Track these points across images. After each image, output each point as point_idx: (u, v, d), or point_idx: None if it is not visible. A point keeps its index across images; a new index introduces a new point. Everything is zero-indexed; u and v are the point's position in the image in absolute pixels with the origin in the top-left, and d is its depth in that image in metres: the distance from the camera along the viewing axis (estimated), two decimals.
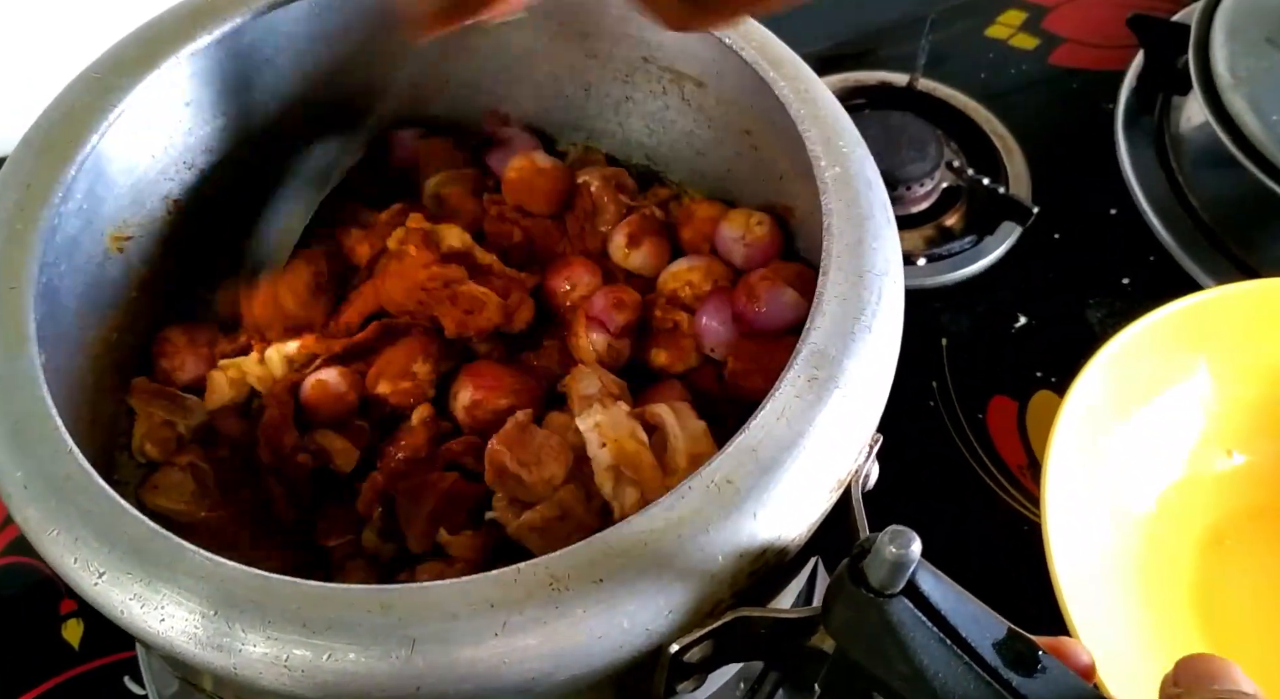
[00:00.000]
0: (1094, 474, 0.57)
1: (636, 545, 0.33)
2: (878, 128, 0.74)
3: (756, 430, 0.36)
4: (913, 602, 0.31)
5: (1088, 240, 0.74)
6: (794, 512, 0.35)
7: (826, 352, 0.38)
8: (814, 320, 0.38)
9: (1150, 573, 0.57)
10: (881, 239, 0.41)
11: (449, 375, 0.51)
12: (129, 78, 0.44)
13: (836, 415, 0.37)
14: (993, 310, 0.71)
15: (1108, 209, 0.75)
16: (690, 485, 0.35)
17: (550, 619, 0.32)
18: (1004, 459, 0.64)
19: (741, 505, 0.34)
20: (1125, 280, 0.72)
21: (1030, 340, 0.69)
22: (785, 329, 0.49)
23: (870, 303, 0.39)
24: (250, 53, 0.51)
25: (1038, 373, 0.67)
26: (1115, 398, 0.58)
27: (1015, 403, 0.66)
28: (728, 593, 0.34)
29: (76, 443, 0.35)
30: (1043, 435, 0.55)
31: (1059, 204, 0.74)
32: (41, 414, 0.35)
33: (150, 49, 0.45)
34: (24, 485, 0.34)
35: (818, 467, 0.36)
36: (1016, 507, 0.62)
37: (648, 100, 0.58)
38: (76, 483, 0.34)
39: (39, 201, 0.40)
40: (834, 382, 0.37)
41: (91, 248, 0.48)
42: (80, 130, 0.43)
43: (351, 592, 0.32)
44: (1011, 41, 0.86)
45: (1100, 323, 0.70)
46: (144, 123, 0.47)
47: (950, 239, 0.72)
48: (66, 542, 0.33)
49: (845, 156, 0.43)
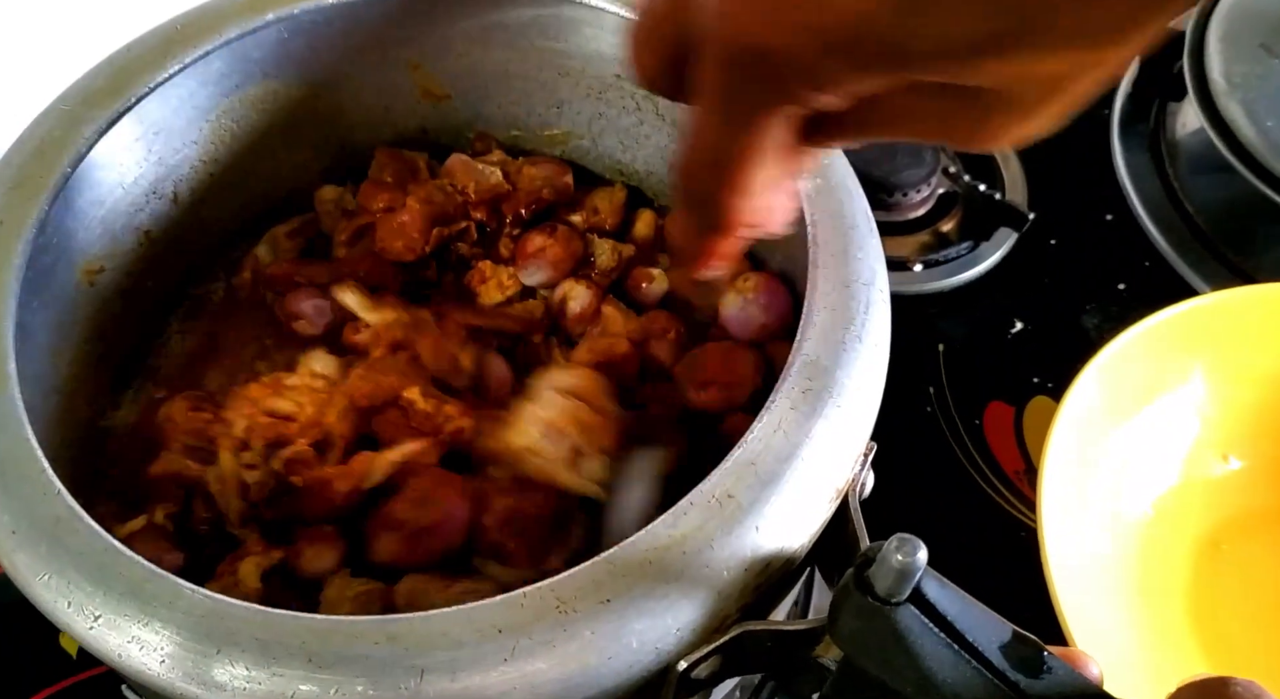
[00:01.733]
0: (1090, 479, 0.57)
1: (641, 564, 0.33)
2: None
3: (754, 443, 0.36)
4: (919, 608, 0.32)
5: (1083, 246, 0.74)
6: (795, 523, 0.36)
7: (819, 362, 0.38)
8: (804, 331, 0.39)
9: (1146, 578, 0.57)
10: (866, 248, 0.41)
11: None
12: (99, 109, 0.44)
13: (832, 426, 0.37)
14: (989, 316, 0.71)
15: (1103, 215, 0.75)
16: (691, 501, 0.35)
17: (559, 642, 0.32)
18: (1001, 465, 0.64)
19: (744, 519, 0.34)
20: (1121, 286, 0.72)
21: (1026, 346, 0.69)
22: (749, 340, 0.49)
23: (859, 312, 0.39)
24: (220, 80, 0.51)
25: (1034, 378, 0.68)
26: (1111, 403, 0.58)
27: (1012, 408, 0.66)
28: (734, 608, 0.34)
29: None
30: (1039, 441, 0.55)
31: (1055, 210, 0.74)
32: (26, 456, 0.35)
33: (119, 80, 0.45)
34: (11, 530, 0.33)
35: (816, 477, 0.36)
36: (1014, 513, 0.62)
37: (621, 116, 0.58)
38: (67, 525, 0.33)
39: (13, 238, 0.40)
40: (828, 392, 0.37)
41: (63, 282, 0.47)
42: (51, 164, 0.42)
43: (357, 623, 0.32)
44: None
45: (1096, 328, 0.70)
46: (115, 154, 0.47)
47: (946, 245, 0.72)
48: (59, 586, 0.33)
49: (825, 168, 0.43)
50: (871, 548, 0.33)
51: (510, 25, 0.54)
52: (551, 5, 0.52)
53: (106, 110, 0.44)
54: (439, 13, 0.53)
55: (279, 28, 0.49)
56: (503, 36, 0.54)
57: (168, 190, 0.53)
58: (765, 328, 0.49)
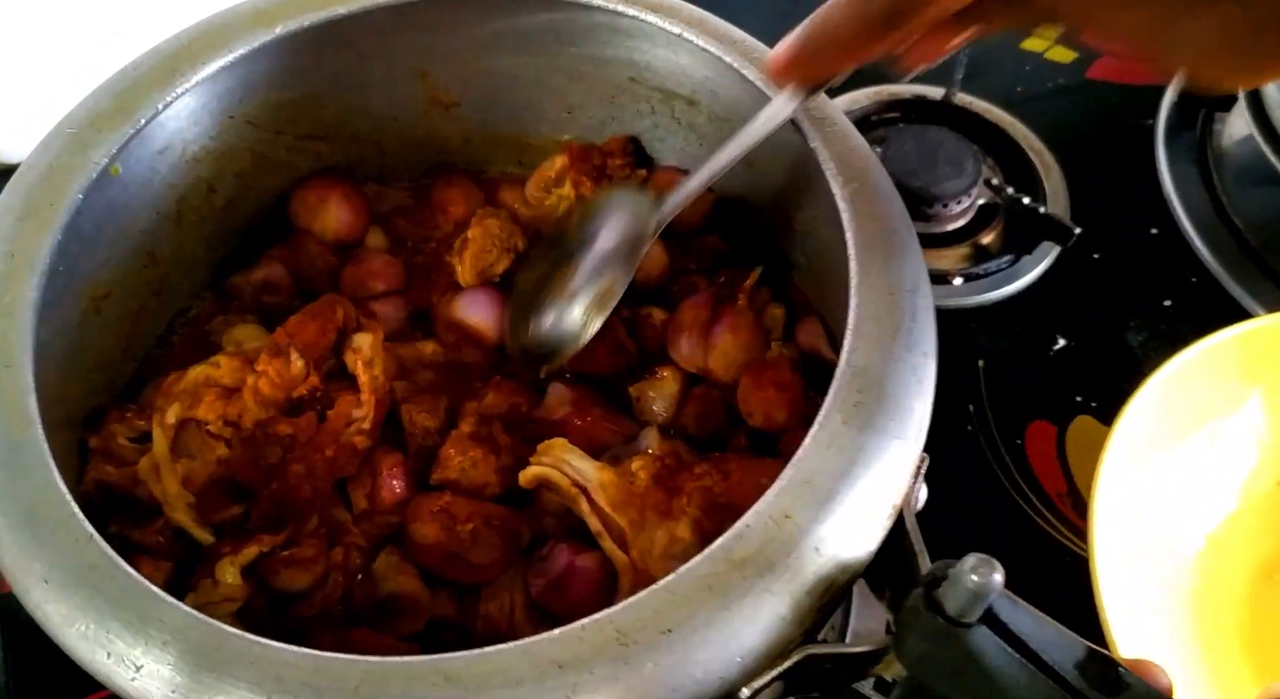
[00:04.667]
0: (1142, 507, 0.55)
1: (701, 591, 0.32)
2: (913, 143, 0.71)
3: (808, 461, 0.35)
4: (992, 628, 0.31)
5: (1128, 261, 0.70)
6: (854, 541, 0.35)
7: (868, 373, 0.37)
8: (851, 342, 0.38)
9: (1200, 607, 0.55)
10: (909, 254, 0.40)
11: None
12: (107, 133, 0.42)
13: (885, 439, 0.36)
14: (1031, 332, 0.68)
15: (1148, 228, 0.72)
16: (748, 523, 0.34)
17: (621, 676, 0.31)
18: (1043, 486, 0.61)
19: (803, 540, 0.34)
20: (1167, 302, 0.69)
21: (1069, 363, 0.67)
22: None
23: (906, 320, 0.38)
24: (226, 95, 0.49)
25: (1077, 397, 0.65)
26: (1164, 428, 0.56)
27: (1054, 428, 0.64)
28: (798, 632, 0.33)
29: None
30: (1082, 461, 0.53)
31: (1098, 223, 0.71)
32: (56, 500, 0.33)
33: (127, 100, 0.43)
34: (44, 579, 0.32)
35: (873, 493, 0.35)
36: (1057, 536, 0.60)
37: (634, 121, 0.57)
38: (102, 572, 0.32)
39: (25, 271, 0.38)
40: (879, 404, 0.36)
41: (69, 311, 0.46)
42: (61, 192, 0.40)
43: (411, 665, 0.31)
44: (1048, 54, 0.82)
45: (1141, 346, 0.67)
46: (122, 177, 0.45)
47: (987, 258, 0.69)
48: (98, 637, 0.31)
49: (862, 172, 0.42)
50: (939, 567, 0.33)
51: (521, 31, 0.53)
52: (563, 10, 0.51)
53: (115, 134, 0.42)
54: (447, 20, 0.52)
55: (287, 41, 0.47)
56: (513, 42, 0.53)
57: (171, 210, 0.51)
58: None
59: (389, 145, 0.58)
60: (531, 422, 0.51)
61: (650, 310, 0.54)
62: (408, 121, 0.57)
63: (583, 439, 0.49)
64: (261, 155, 0.54)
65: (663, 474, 0.46)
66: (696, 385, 0.52)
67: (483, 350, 0.53)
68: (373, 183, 0.59)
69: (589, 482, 0.45)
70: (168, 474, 0.46)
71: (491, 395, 0.51)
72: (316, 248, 0.55)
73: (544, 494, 0.48)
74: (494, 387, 0.51)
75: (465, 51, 0.54)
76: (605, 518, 0.45)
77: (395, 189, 0.60)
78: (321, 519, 0.47)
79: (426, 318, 0.55)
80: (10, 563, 0.33)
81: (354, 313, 0.51)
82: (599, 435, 0.50)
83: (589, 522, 0.45)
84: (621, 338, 0.53)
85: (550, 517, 0.48)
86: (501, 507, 0.47)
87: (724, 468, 0.45)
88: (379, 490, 0.48)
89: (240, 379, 0.49)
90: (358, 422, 0.48)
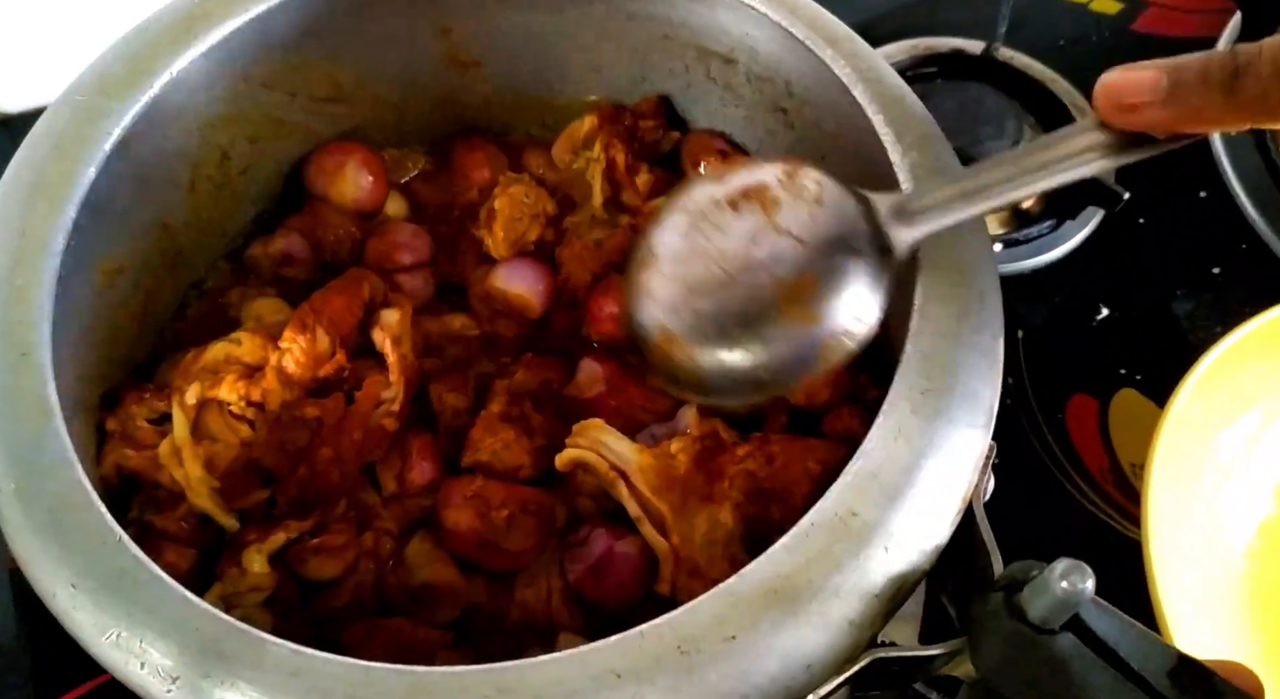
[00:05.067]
0: (1197, 490, 0.53)
1: (766, 595, 0.31)
2: (952, 101, 0.67)
3: (874, 454, 0.33)
4: (1078, 635, 0.29)
5: (1175, 225, 0.66)
6: (923, 539, 0.33)
7: (935, 358, 0.35)
8: (916, 325, 0.35)
9: (1259, 592, 0.53)
10: (974, 229, 0.38)
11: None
12: (118, 101, 0.39)
13: (955, 428, 0.34)
14: (1072, 301, 0.65)
15: (1197, 192, 0.68)
16: (813, 522, 0.32)
17: (683, 687, 0.29)
18: (1085, 463, 0.59)
19: (871, 539, 0.32)
20: (1216, 270, 0.65)
21: (1112, 334, 0.63)
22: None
23: (972, 300, 0.36)
24: (239, 57, 0.46)
25: (1120, 369, 0.62)
26: (1219, 409, 0.53)
27: (1096, 402, 0.61)
28: (866, 636, 0.31)
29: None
30: (1125, 436, 0.50)
31: (1145, 186, 0.67)
32: (82, 501, 0.31)
33: (138, 65, 0.40)
34: (71, 584, 0.30)
35: (942, 486, 0.33)
36: (1098, 513, 0.58)
37: (666, 80, 0.54)
38: (133, 577, 0.30)
39: (39, 252, 0.36)
40: (948, 391, 0.34)
41: (82, 287, 0.43)
42: (71, 166, 0.38)
43: (464, 676, 0.29)
44: (1093, 6, 0.78)
45: (1188, 316, 0.64)
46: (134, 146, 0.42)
47: (1027, 223, 0.66)
48: (130, 645, 0.29)
49: (921, 141, 0.40)
50: (1018, 570, 0.31)
51: None
52: None
53: (126, 101, 0.40)
54: None
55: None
56: None
57: (184, 179, 0.49)
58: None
59: (408, 108, 0.55)
60: (564, 399, 0.49)
61: None
62: (427, 83, 0.55)
63: (618, 418, 0.47)
64: (277, 120, 0.51)
65: (703, 456, 0.44)
66: None
67: (519, 323, 0.51)
68: (391, 147, 0.56)
69: (627, 465, 0.43)
70: (189, 458, 0.44)
71: (522, 373, 0.49)
72: (336, 217, 0.53)
73: (579, 474, 0.46)
74: (524, 364, 0.49)
75: (488, 7, 0.51)
76: (645, 502, 0.43)
77: (415, 154, 0.57)
78: (350, 503, 0.45)
79: (453, 290, 0.53)
80: (34, 566, 0.31)
81: (381, 287, 0.49)
82: (634, 414, 0.48)
83: (628, 506, 0.43)
84: None
85: (586, 497, 0.47)
86: (536, 490, 0.46)
87: (767, 450, 0.43)
88: (408, 472, 0.46)
89: (263, 357, 0.47)
90: (386, 403, 0.46)
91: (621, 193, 0.53)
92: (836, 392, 0.47)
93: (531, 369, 0.50)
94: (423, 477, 0.46)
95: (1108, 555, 0.56)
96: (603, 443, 0.44)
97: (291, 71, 0.49)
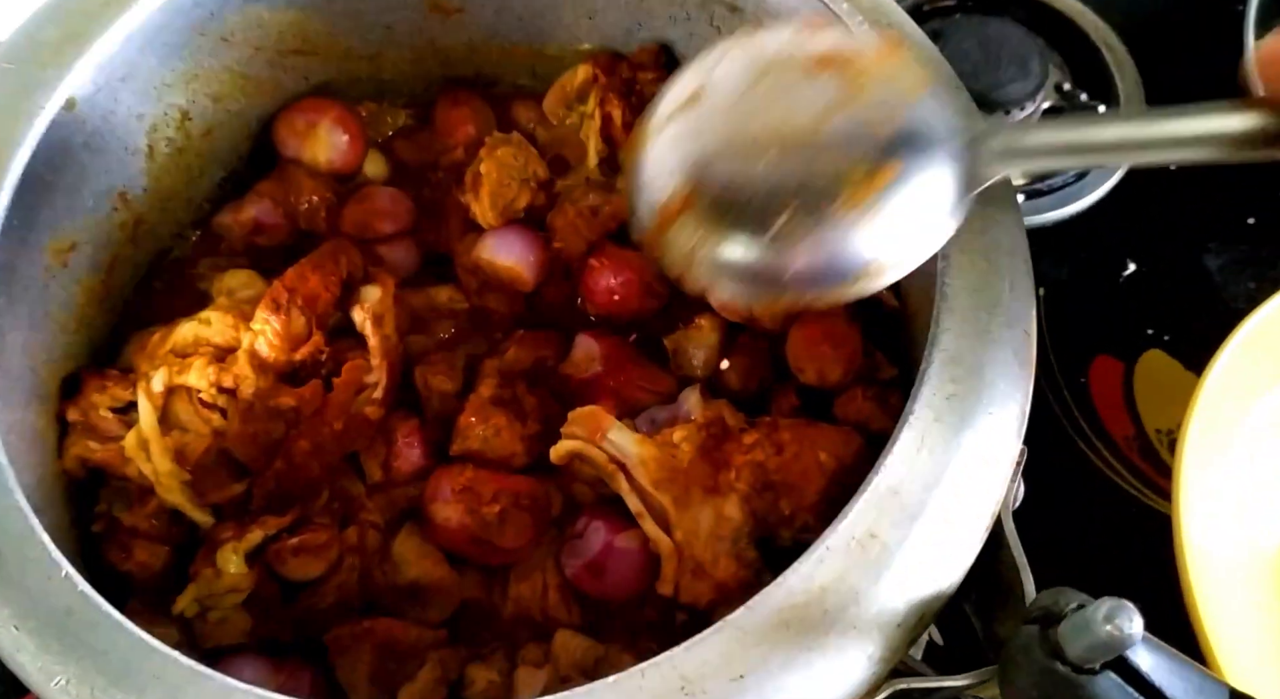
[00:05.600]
0: (1230, 461, 0.50)
1: (776, 627, 0.28)
2: (972, 39, 0.61)
3: (895, 467, 0.30)
4: (1122, 675, 0.27)
5: (1209, 173, 0.57)
6: (949, 561, 0.30)
7: (963, 359, 0.32)
8: (942, 320, 0.32)
9: None
10: (1004, 205, 0.34)
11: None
12: (54, 68, 0.36)
13: (983, 437, 0.31)
14: (1097, 256, 0.60)
15: None
16: (828, 545, 0.29)
17: None
18: (1108, 430, 0.55)
19: (891, 563, 0.29)
20: (1250, 220, 0.61)
21: (1139, 291, 0.59)
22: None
23: (1005, 292, 0.33)
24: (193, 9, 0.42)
25: (1148, 329, 0.58)
26: (1261, 373, 0.50)
27: (1121, 364, 0.57)
28: (886, 670, 0.29)
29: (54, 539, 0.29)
30: (1152, 401, 0.47)
31: None
32: (21, 531, 0.28)
33: (73, 25, 0.36)
34: (13, 625, 0.27)
35: (970, 501, 0.31)
36: (1122, 484, 0.54)
37: (665, 28, 0.50)
38: (81, 617, 0.27)
39: None
40: (976, 395, 0.31)
41: (30, 270, 0.40)
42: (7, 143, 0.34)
43: None
44: None
45: (1221, 270, 0.59)
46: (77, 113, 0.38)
47: (1050, 173, 0.61)
48: (80, 692, 0.27)
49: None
50: (1055, 601, 0.28)
51: None
52: None
53: (62, 67, 0.36)
54: None
55: None
56: None
57: (141, 144, 0.45)
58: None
59: (385, 60, 0.51)
60: (559, 378, 0.46)
61: None
62: (406, 31, 0.50)
63: (616, 401, 0.44)
64: (241, 75, 0.47)
65: (708, 444, 0.41)
66: (740, 334, 0.47)
67: (510, 297, 0.48)
68: (369, 102, 0.52)
69: (628, 457, 0.41)
70: (157, 451, 0.41)
71: (514, 350, 0.46)
72: (309, 181, 0.49)
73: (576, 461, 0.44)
74: (516, 341, 0.46)
75: None
76: (646, 496, 0.40)
77: (394, 109, 0.53)
78: (333, 493, 0.43)
79: (439, 260, 0.49)
80: None
81: (360, 261, 0.45)
82: (634, 395, 0.45)
83: (628, 501, 0.40)
84: (650, 278, 0.47)
85: (583, 483, 0.44)
86: (530, 479, 0.43)
87: (776, 438, 0.40)
88: (395, 460, 0.44)
89: (234, 338, 0.44)
90: (369, 389, 0.43)
91: (619, 152, 0.49)
92: (849, 369, 0.44)
93: (524, 346, 0.46)
94: (410, 464, 0.44)
95: (1132, 530, 0.53)
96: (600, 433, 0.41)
97: (253, 23, 0.45)
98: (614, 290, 0.47)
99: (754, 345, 0.46)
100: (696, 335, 0.46)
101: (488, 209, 0.47)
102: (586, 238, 0.47)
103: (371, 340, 0.43)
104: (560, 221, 0.48)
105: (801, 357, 0.44)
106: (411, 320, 0.47)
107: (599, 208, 0.48)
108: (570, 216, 0.47)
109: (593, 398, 0.45)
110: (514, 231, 0.47)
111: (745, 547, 0.40)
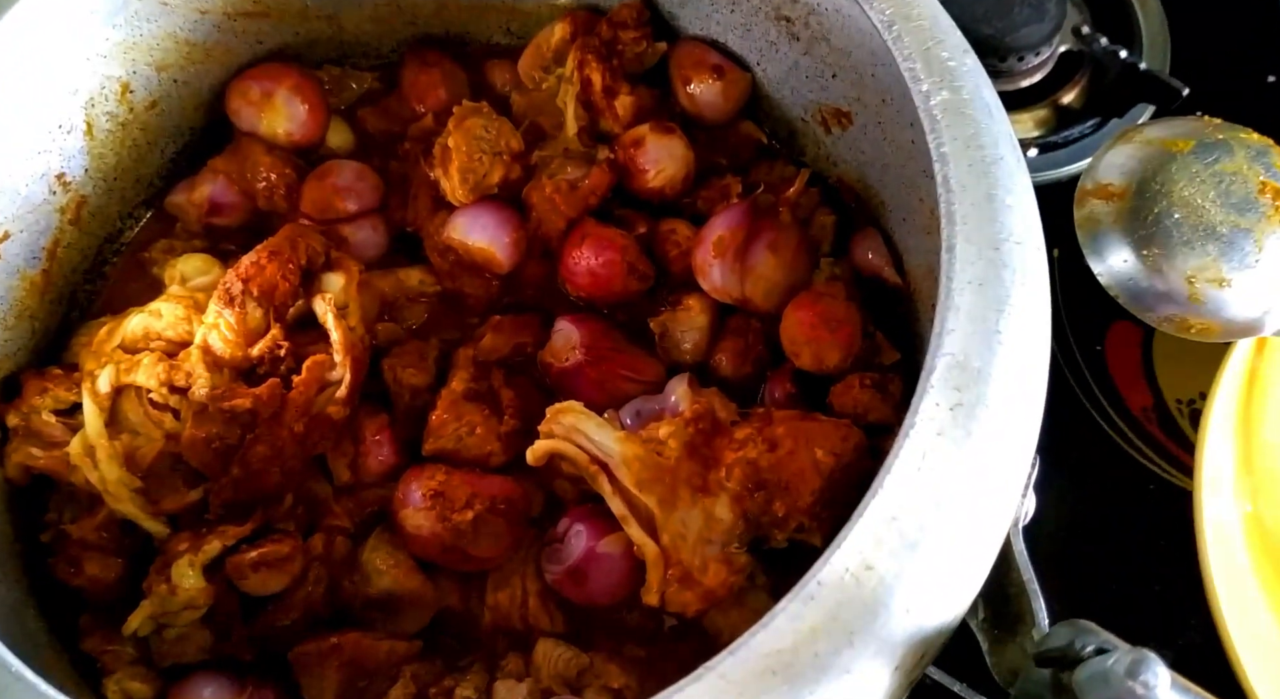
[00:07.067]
0: (1257, 440, 0.47)
1: (763, 675, 0.25)
2: None
3: (892, 490, 0.27)
4: None
5: (1238, 118, 0.54)
6: (952, 593, 0.27)
7: (968, 364, 0.28)
8: (945, 320, 0.29)
9: None
10: (1016, 189, 0.31)
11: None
12: None
13: (990, 451, 0.28)
14: None
15: (1264, 76, 0.60)
16: (819, 581, 0.26)
17: None
18: (1125, 401, 0.53)
19: (888, 599, 0.26)
20: None
21: None
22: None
23: (1015, 286, 0.29)
24: None
25: None
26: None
27: (1140, 331, 0.53)
28: None
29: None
30: (1172, 370, 0.44)
31: (1204, 73, 0.58)
32: None
33: None
34: None
35: (976, 525, 0.28)
36: (1140, 459, 0.51)
37: None
38: None
39: None
40: (982, 404, 0.28)
41: None
42: None
43: None
44: None
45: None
46: None
47: (1068, 123, 0.58)
48: None
49: (953, 73, 0.32)
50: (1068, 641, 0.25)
51: None
52: None
53: None
54: None
55: None
56: None
57: (77, 120, 0.42)
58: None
59: (345, 18, 0.48)
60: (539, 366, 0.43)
61: (673, 225, 0.45)
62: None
63: (599, 392, 0.42)
64: (185, 42, 0.44)
65: (697, 441, 0.38)
66: (731, 316, 0.43)
67: (485, 280, 0.44)
68: (330, 66, 0.48)
69: (610, 456, 0.38)
70: (105, 457, 0.39)
71: (490, 336, 0.43)
72: (267, 156, 0.45)
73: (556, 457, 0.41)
74: (493, 327, 0.43)
75: None
76: (630, 498, 0.38)
77: (358, 73, 0.49)
78: (297, 496, 0.40)
79: (409, 240, 0.46)
80: None
81: (321, 245, 0.42)
82: (618, 385, 0.42)
83: (611, 504, 0.38)
84: (635, 258, 0.44)
85: (564, 480, 0.41)
86: (507, 480, 0.40)
87: (770, 434, 0.38)
88: (363, 459, 0.41)
89: (187, 331, 0.41)
90: (332, 387, 0.40)
91: (599, 119, 0.46)
92: (848, 353, 0.41)
93: (501, 332, 0.43)
94: (380, 464, 0.41)
95: (1151, 508, 0.51)
96: (581, 432, 0.38)
97: None
98: (595, 271, 0.43)
99: (746, 327, 0.43)
100: (685, 317, 0.43)
101: (457, 185, 0.43)
102: (565, 214, 0.44)
103: (334, 333, 0.40)
104: (537, 197, 0.44)
105: (797, 340, 0.41)
106: (380, 306, 0.44)
107: (578, 181, 0.44)
108: (548, 191, 0.44)
109: (574, 388, 0.42)
110: (486, 209, 0.44)
111: (736, 550, 0.37)
